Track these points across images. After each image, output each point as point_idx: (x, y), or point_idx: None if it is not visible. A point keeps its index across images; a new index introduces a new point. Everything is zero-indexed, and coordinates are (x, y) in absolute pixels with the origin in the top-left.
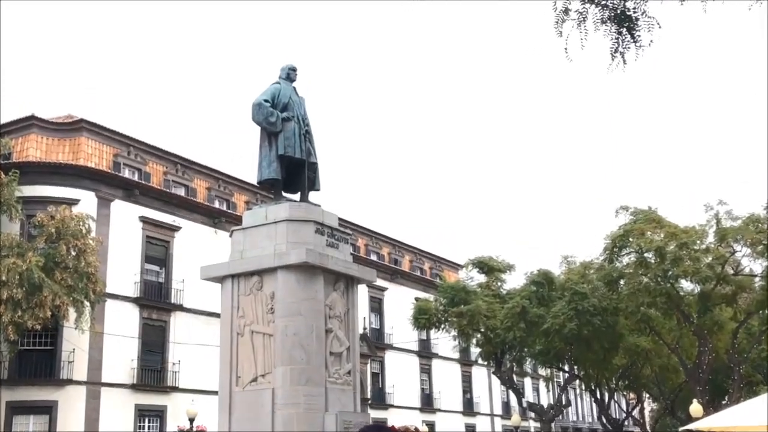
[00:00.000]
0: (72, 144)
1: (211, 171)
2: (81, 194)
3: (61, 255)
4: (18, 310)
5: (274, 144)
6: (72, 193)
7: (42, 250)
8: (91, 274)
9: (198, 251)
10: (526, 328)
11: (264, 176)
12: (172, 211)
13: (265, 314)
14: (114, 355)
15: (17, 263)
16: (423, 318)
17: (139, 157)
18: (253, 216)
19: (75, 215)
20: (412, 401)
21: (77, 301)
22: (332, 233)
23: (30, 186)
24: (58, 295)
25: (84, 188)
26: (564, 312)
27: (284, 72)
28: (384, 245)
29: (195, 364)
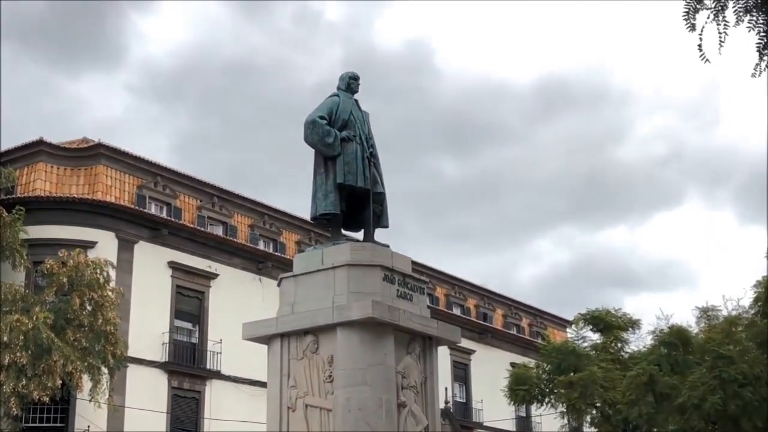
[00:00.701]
0: (87, 174)
1: (254, 205)
2: (98, 235)
3: (73, 310)
4: (22, 378)
5: (331, 170)
6: (87, 234)
7: (51, 304)
8: (109, 334)
9: (239, 304)
10: (655, 402)
11: (319, 210)
12: (207, 255)
13: (322, 383)
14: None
15: (21, 321)
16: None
17: (167, 188)
18: (306, 260)
19: (91, 261)
20: None
21: (93, 367)
22: (404, 281)
23: (37, 226)
24: (70, 360)
25: (102, 228)
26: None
27: (344, 82)
28: (470, 296)
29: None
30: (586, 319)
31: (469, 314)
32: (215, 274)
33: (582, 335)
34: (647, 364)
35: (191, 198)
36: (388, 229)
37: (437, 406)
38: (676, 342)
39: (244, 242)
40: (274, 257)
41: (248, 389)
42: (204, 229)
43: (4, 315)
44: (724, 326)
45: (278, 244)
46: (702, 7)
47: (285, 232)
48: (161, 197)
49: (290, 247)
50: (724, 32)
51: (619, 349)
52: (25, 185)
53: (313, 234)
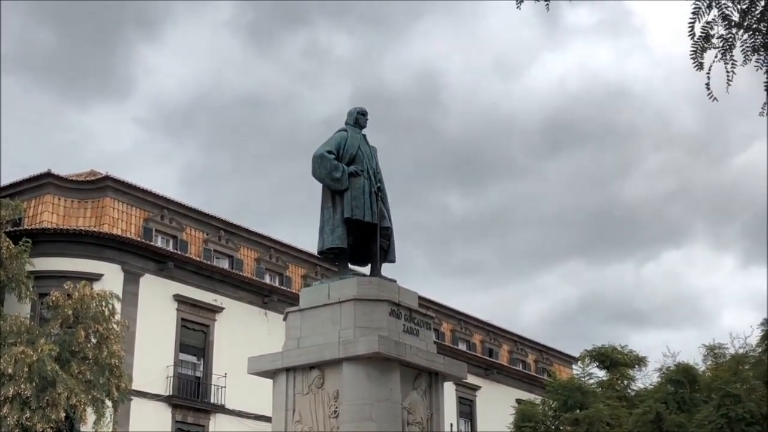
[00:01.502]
0: (95, 207)
1: (260, 238)
2: (104, 268)
3: (78, 343)
4: (26, 410)
5: (338, 205)
6: (93, 266)
7: (56, 336)
8: (114, 367)
9: (244, 338)
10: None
11: (326, 245)
12: (213, 288)
13: (327, 419)
14: None
15: (26, 353)
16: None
17: (174, 222)
18: (312, 294)
19: (97, 293)
20: None
21: (97, 400)
22: (411, 316)
23: (44, 258)
24: (75, 393)
25: (108, 260)
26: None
27: (352, 117)
28: (476, 332)
29: None
30: (593, 356)
31: (475, 350)
32: (221, 308)
33: (588, 372)
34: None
35: (198, 231)
36: (394, 263)
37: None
38: (683, 380)
39: (250, 276)
40: (280, 291)
41: (253, 424)
42: (210, 263)
43: (8, 347)
44: (731, 364)
45: (284, 278)
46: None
47: (291, 266)
48: (168, 230)
49: (296, 281)
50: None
51: (625, 387)
52: (32, 217)
53: (319, 268)
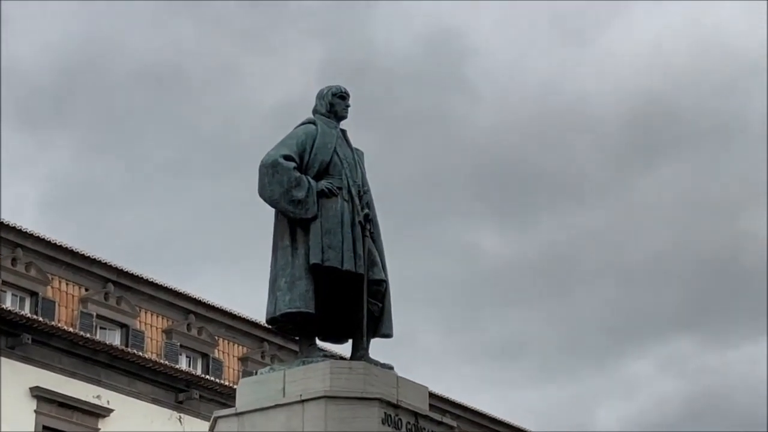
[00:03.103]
0: None
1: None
2: None
3: None
4: None
5: (301, 244)
6: None
7: None
8: None
9: None
10: None
11: (281, 308)
12: (96, 378)
13: None
14: None
15: None
16: None
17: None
18: (257, 387)
19: None
20: None
21: None
22: (417, 426)
23: None
24: None
25: None
26: None
27: (324, 102)
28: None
29: None
30: None
31: None
32: (108, 410)
33: None
34: None
35: (71, 285)
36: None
37: None
38: None
39: (156, 357)
40: (204, 383)
41: None
42: (90, 336)
43: None
44: None
45: (211, 361)
46: None
47: (222, 343)
48: (23, 283)
49: (230, 366)
50: None
51: None
52: None
53: (268, 346)
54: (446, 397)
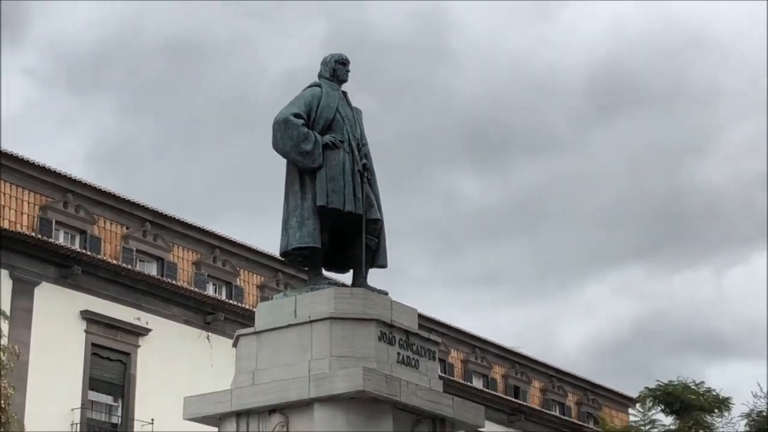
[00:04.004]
0: None
1: (201, 235)
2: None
3: None
4: None
5: (309, 189)
6: None
7: None
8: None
9: (178, 370)
10: None
11: (292, 243)
12: (136, 303)
13: None
14: None
15: None
16: None
17: (82, 211)
18: (272, 311)
19: None
20: None
21: None
22: (408, 342)
23: None
24: None
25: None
26: None
27: (327, 67)
28: (496, 362)
29: None
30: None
31: (496, 388)
32: (146, 330)
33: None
34: None
35: (114, 224)
36: (386, 269)
37: None
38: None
39: (187, 285)
40: (228, 306)
41: None
42: (131, 267)
43: None
44: None
45: (233, 288)
46: None
47: (243, 273)
48: (73, 222)
49: (250, 293)
50: None
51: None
52: None
53: (282, 275)
54: (433, 318)
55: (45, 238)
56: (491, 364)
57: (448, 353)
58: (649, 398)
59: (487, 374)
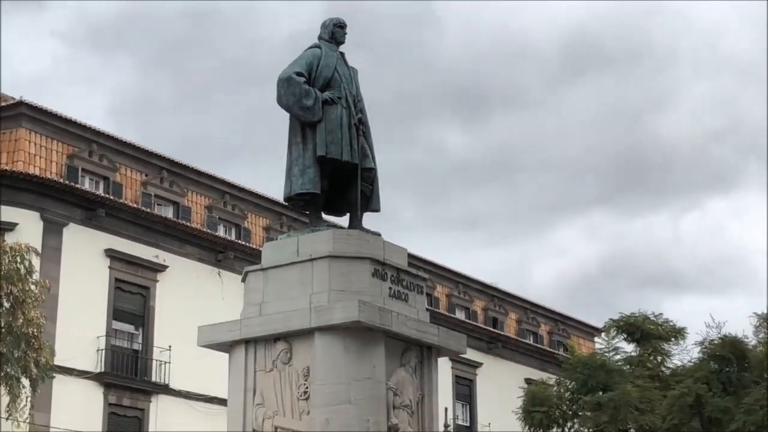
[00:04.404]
0: (6, 140)
1: (212, 181)
2: (19, 215)
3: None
4: None
5: (310, 140)
6: (5, 213)
7: None
8: (32, 337)
9: (193, 303)
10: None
11: (295, 189)
12: (154, 242)
13: (295, 401)
14: None
15: None
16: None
17: (105, 159)
18: (277, 250)
19: (9, 247)
20: None
21: (11, 378)
22: (398, 278)
23: None
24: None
25: (23, 206)
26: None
27: (326, 30)
28: (477, 296)
29: None
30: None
31: (477, 319)
32: (164, 266)
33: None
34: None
35: (134, 171)
36: (379, 213)
37: (436, 430)
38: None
39: (200, 227)
40: (237, 246)
41: (203, 407)
42: (150, 210)
43: None
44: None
45: (242, 230)
46: None
47: (250, 216)
48: (97, 170)
49: (257, 234)
50: None
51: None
52: None
53: (285, 218)
54: (420, 257)
55: (72, 183)
56: (472, 298)
57: (434, 288)
58: (612, 328)
59: (469, 307)
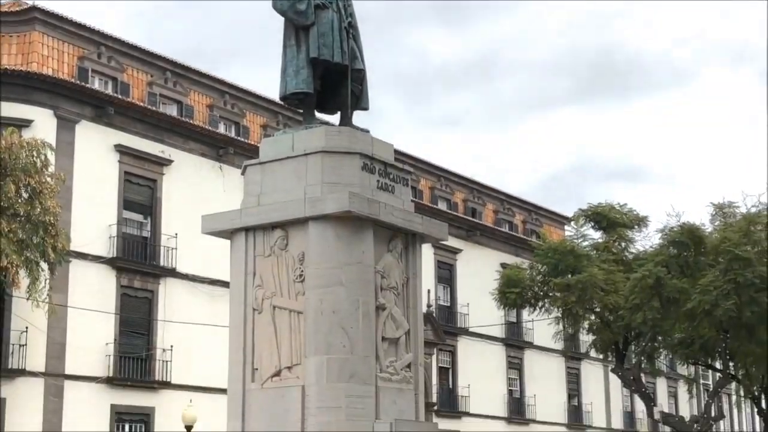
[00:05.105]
0: (21, 42)
1: (213, 82)
2: (34, 113)
3: (8, 198)
4: None
5: (303, 43)
6: (22, 110)
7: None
8: (49, 225)
9: (197, 194)
10: (661, 307)
11: (289, 89)
12: (160, 138)
13: (292, 283)
14: (82, 338)
15: None
16: (512, 292)
17: (113, 60)
18: (274, 145)
19: (26, 142)
20: (494, 408)
21: (31, 262)
22: (386, 171)
23: None
24: (5, 253)
25: (38, 105)
26: (717, 285)
27: None
28: (457, 189)
29: (193, 350)
30: (587, 216)
31: (457, 209)
32: (169, 160)
33: (582, 233)
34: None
35: (141, 72)
36: (367, 111)
37: (420, 310)
38: (687, 242)
39: (202, 124)
40: (237, 142)
41: (207, 289)
42: (155, 109)
43: None
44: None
45: (241, 127)
46: None
47: (249, 114)
48: (106, 71)
49: (255, 131)
50: None
51: (622, 249)
52: None
53: (281, 116)
54: (406, 152)
55: (83, 83)
56: (453, 190)
57: (418, 181)
58: (581, 217)
59: (450, 198)
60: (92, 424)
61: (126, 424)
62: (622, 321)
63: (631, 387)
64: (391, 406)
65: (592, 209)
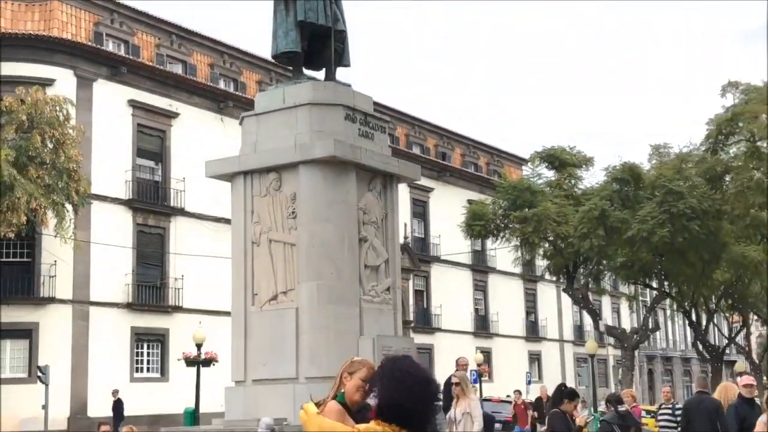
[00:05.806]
0: (43, 10)
1: (213, 43)
2: (56, 73)
3: (35, 147)
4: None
5: (291, 8)
6: (45, 71)
7: (12, 141)
8: (72, 171)
9: (201, 143)
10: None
11: (280, 48)
12: (167, 94)
13: (285, 219)
14: (104, 269)
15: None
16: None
17: (125, 25)
18: (267, 99)
19: (50, 98)
20: (463, 324)
21: (57, 204)
22: (366, 120)
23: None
24: (34, 197)
25: (59, 65)
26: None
27: None
28: (429, 135)
29: (201, 279)
30: (542, 157)
31: (429, 153)
32: (176, 113)
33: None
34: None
35: (149, 36)
36: (349, 68)
37: (397, 241)
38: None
39: (205, 81)
40: (235, 97)
41: (212, 225)
42: (163, 68)
43: None
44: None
45: (239, 83)
46: None
47: (245, 72)
48: (119, 34)
49: (251, 86)
50: None
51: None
52: None
53: (274, 74)
54: (383, 104)
55: (98, 46)
56: (425, 137)
57: (395, 129)
58: (537, 158)
59: (423, 144)
60: (115, 344)
61: (144, 343)
62: (572, 248)
63: (580, 304)
64: (373, 324)
65: (546, 151)
